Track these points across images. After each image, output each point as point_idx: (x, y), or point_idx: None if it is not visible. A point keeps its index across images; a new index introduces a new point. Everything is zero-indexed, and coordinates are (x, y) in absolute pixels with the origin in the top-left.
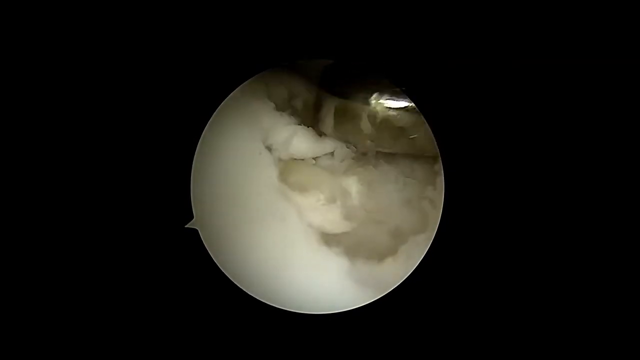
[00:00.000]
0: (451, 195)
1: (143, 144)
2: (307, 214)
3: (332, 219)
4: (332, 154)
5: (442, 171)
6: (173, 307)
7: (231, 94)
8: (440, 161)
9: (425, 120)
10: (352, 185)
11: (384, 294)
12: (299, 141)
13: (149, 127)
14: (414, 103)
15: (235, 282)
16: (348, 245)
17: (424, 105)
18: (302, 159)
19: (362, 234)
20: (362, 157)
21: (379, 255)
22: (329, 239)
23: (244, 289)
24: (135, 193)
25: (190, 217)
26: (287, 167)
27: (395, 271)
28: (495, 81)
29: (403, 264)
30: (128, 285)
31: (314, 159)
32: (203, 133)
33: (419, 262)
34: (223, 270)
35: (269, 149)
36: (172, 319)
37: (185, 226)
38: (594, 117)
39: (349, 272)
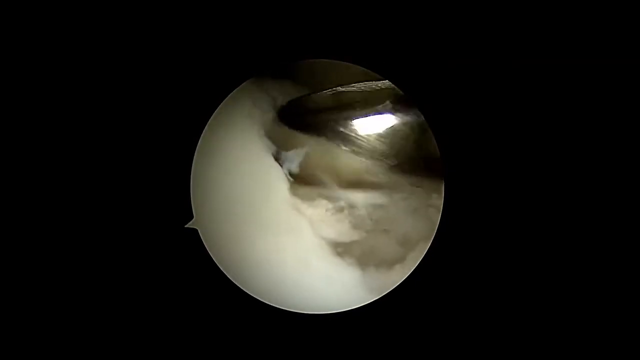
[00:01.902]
0: (451, 197)
1: (143, 144)
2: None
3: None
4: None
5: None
6: (173, 307)
7: (232, 92)
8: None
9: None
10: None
11: (384, 294)
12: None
13: (149, 127)
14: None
15: (235, 282)
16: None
17: (424, 106)
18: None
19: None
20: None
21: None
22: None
23: (244, 289)
24: (136, 193)
25: (190, 217)
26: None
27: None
28: (495, 82)
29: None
30: (128, 285)
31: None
32: (204, 131)
33: (419, 261)
34: (223, 270)
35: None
36: (172, 319)
37: (185, 226)
38: (594, 118)
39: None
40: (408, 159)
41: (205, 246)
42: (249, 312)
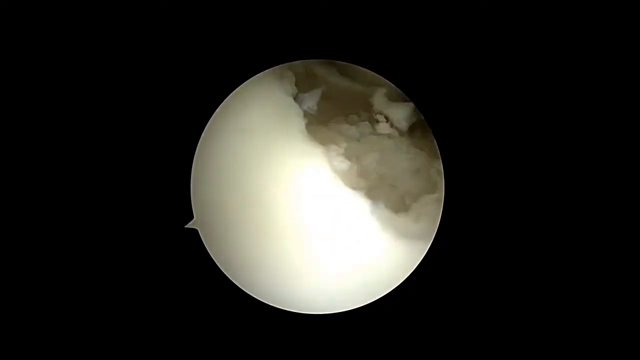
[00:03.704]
0: (451, 198)
1: (143, 145)
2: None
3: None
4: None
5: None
6: (173, 306)
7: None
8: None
9: None
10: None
11: (384, 295)
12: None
13: (149, 128)
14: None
15: (235, 282)
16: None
17: (425, 105)
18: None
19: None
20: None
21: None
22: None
23: (244, 289)
24: (136, 193)
25: (190, 217)
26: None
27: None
28: (495, 82)
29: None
30: (128, 284)
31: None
32: (205, 130)
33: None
34: (223, 270)
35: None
36: (172, 318)
37: (185, 226)
38: (594, 118)
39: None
40: None
41: (205, 246)
42: (249, 312)
